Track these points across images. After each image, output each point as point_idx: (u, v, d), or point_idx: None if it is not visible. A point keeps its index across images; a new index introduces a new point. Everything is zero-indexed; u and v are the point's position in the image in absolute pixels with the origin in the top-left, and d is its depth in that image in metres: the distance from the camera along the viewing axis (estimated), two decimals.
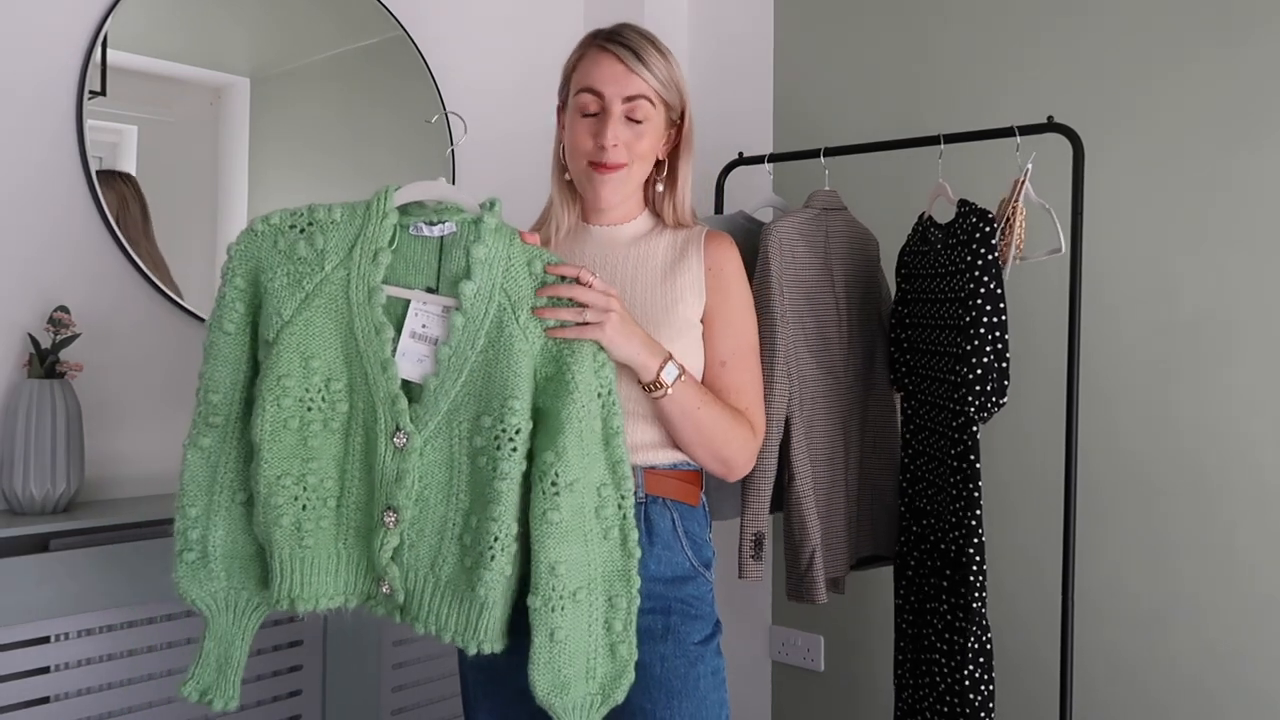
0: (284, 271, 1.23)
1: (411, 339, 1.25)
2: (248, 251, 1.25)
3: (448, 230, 1.27)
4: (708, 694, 1.33)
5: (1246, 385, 1.93)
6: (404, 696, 1.89)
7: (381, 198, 1.26)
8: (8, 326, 1.63)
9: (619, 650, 1.26)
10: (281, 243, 1.24)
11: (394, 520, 1.23)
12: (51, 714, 1.49)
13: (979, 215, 1.75)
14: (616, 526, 1.27)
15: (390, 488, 1.23)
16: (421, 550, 1.24)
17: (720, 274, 1.41)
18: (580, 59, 1.41)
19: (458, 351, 1.23)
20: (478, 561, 1.20)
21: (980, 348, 1.73)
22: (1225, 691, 1.95)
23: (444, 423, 1.24)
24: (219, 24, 1.92)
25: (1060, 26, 2.14)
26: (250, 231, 1.25)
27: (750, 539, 1.79)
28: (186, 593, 1.25)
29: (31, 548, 1.49)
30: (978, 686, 1.77)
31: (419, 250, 1.28)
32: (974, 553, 1.76)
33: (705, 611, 1.38)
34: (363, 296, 1.23)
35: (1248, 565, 1.93)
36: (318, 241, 1.24)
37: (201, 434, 1.25)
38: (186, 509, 1.25)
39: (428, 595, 1.24)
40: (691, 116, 1.45)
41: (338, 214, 1.25)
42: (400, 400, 1.23)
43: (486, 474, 1.21)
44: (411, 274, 1.27)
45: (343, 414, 1.25)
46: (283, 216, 1.26)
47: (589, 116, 1.38)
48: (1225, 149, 1.95)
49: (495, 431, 1.21)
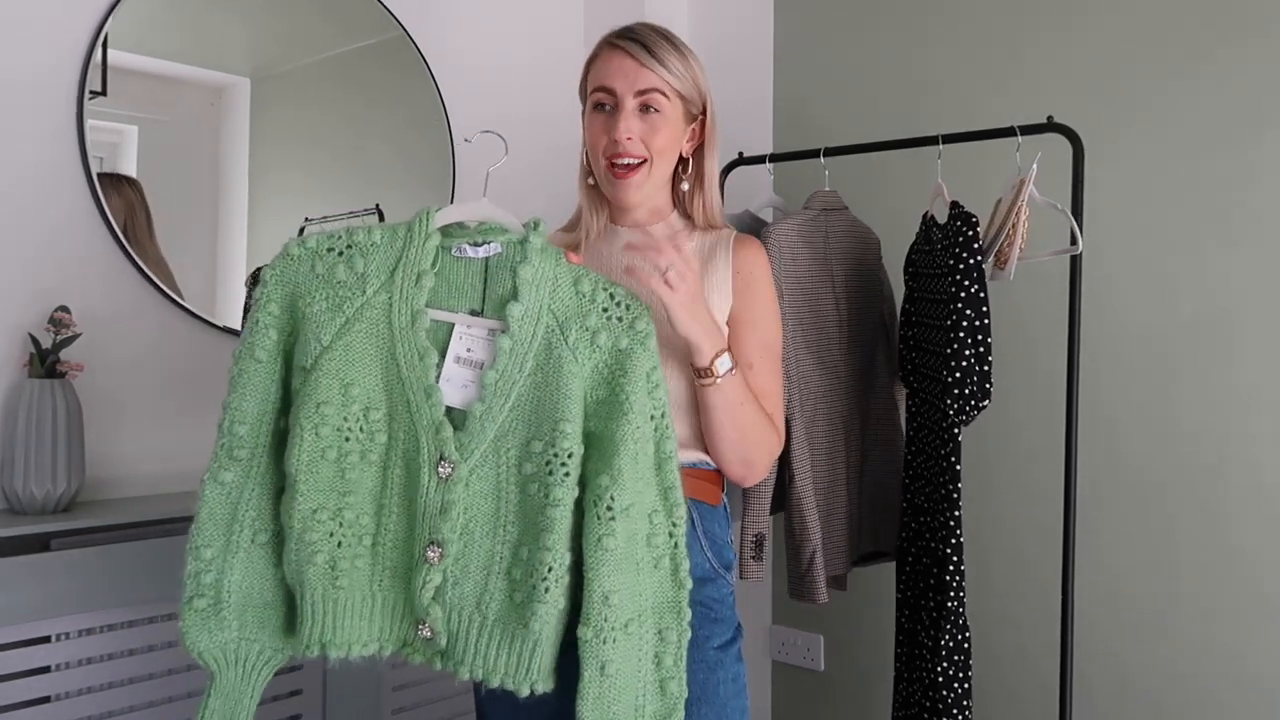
0: (323, 296, 1.18)
1: (456, 364, 1.21)
2: (284, 276, 1.19)
3: (493, 251, 1.24)
4: (728, 701, 1.31)
5: (1246, 385, 1.93)
6: (404, 696, 1.89)
7: (424, 219, 1.22)
8: (8, 326, 1.63)
9: (669, 687, 1.21)
10: (319, 266, 1.19)
11: (438, 556, 1.16)
12: (51, 714, 1.49)
13: (963, 219, 1.76)
14: (668, 556, 1.22)
15: (434, 521, 1.16)
16: (466, 588, 1.18)
17: (748, 278, 1.40)
18: (594, 59, 1.41)
19: (505, 376, 1.19)
20: (531, 595, 1.15)
21: (959, 351, 1.73)
22: (1226, 692, 1.95)
23: (490, 450, 1.19)
24: (219, 24, 1.92)
25: (1060, 26, 2.14)
26: (286, 255, 1.20)
27: (751, 539, 1.79)
28: (194, 644, 1.16)
29: (32, 548, 1.49)
30: (950, 684, 1.78)
31: (462, 272, 1.24)
32: (951, 552, 1.77)
33: (725, 615, 1.35)
34: (405, 320, 1.19)
35: (1248, 565, 1.93)
36: (358, 265, 1.19)
37: (223, 468, 1.17)
38: (201, 550, 1.16)
39: (473, 636, 1.18)
40: (714, 113, 1.43)
41: (378, 236, 1.21)
42: (445, 428, 1.17)
43: (538, 502, 1.17)
44: (455, 297, 1.23)
45: (381, 445, 1.19)
46: (319, 240, 1.20)
47: (604, 113, 1.38)
48: (1225, 149, 1.95)
49: (547, 456, 1.17)
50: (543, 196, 2.40)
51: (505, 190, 2.37)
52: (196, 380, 1.81)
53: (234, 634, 1.18)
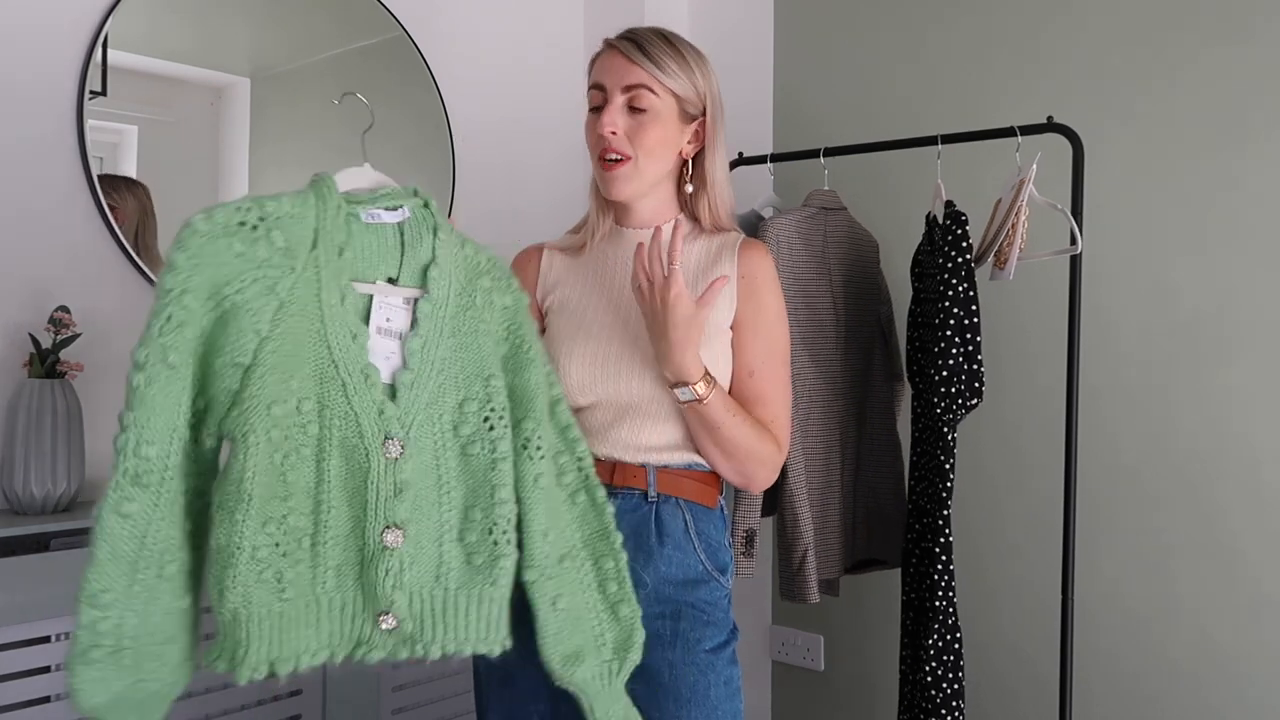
0: (252, 278, 1.05)
1: (378, 335, 1.15)
2: (199, 258, 1.03)
3: (404, 216, 1.19)
4: (719, 704, 1.30)
5: (1246, 385, 1.93)
6: (405, 696, 1.89)
7: (330, 185, 1.14)
8: (8, 326, 1.63)
9: (620, 610, 1.24)
10: (236, 245, 1.05)
11: (399, 538, 1.10)
12: (51, 714, 1.49)
13: (954, 218, 1.77)
14: (582, 489, 1.26)
15: (389, 504, 1.10)
16: (423, 565, 1.13)
17: (753, 281, 1.39)
18: (594, 61, 1.42)
19: (428, 341, 1.16)
20: (494, 552, 1.15)
21: (946, 350, 1.74)
22: (1224, 694, 1.95)
23: (424, 419, 1.15)
24: (219, 24, 1.92)
25: (1060, 26, 2.14)
26: (193, 232, 1.03)
27: (742, 535, 1.79)
28: (88, 701, 1.00)
29: (32, 547, 1.49)
30: (939, 684, 1.79)
31: (375, 240, 1.17)
32: (940, 551, 1.78)
33: (718, 618, 1.35)
34: (335, 299, 1.10)
35: (1246, 567, 1.93)
36: (277, 239, 1.07)
37: (127, 498, 1.02)
38: (99, 596, 1.00)
39: (439, 611, 1.14)
40: (716, 116, 1.42)
41: (287, 205, 1.09)
42: (388, 407, 1.12)
43: (483, 460, 1.16)
44: (370, 266, 1.16)
45: (313, 437, 1.09)
46: (226, 212, 1.05)
47: (595, 111, 1.38)
48: (1225, 149, 1.95)
49: (485, 413, 1.17)
50: (544, 193, 2.41)
51: (509, 184, 2.38)
52: None
53: (130, 679, 1.02)
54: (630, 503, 1.34)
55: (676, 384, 1.28)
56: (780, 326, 1.41)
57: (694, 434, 1.34)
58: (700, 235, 1.43)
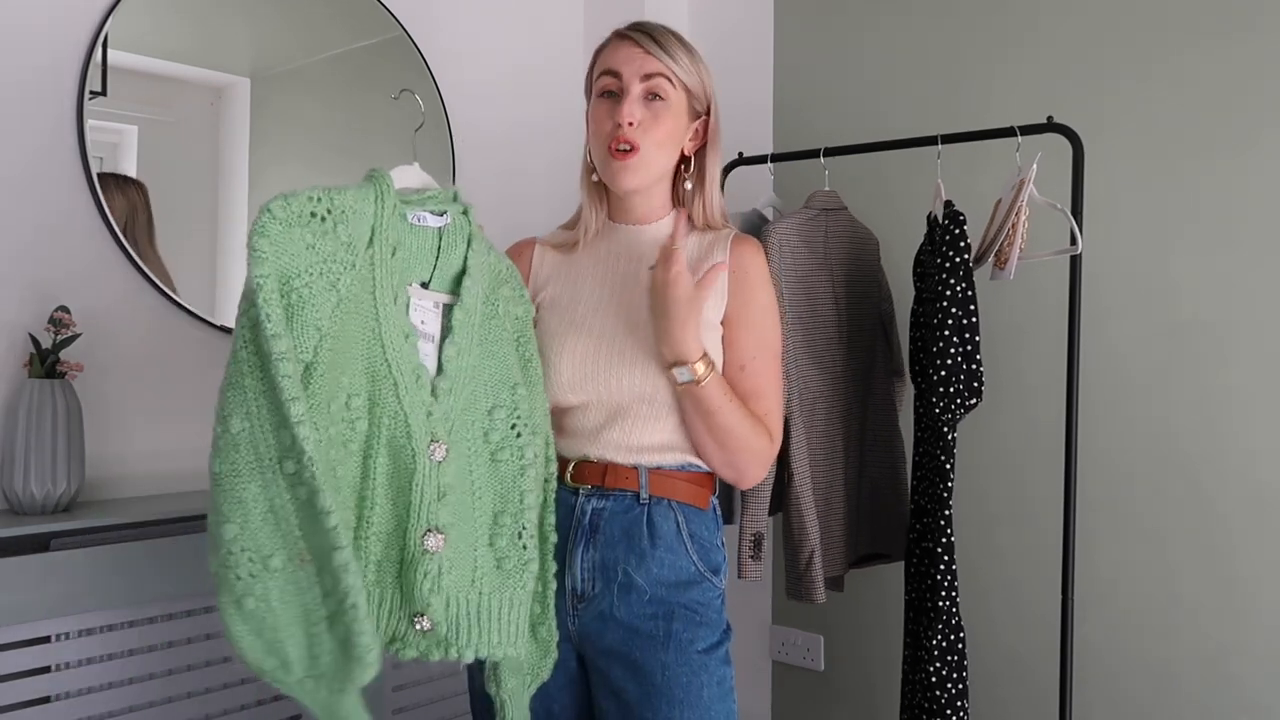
0: (317, 273, 1.03)
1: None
2: (278, 245, 1.01)
3: (447, 221, 1.20)
4: (712, 704, 1.30)
5: (1246, 386, 1.93)
6: (405, 696, 1.89)
7: (388, 183, 1.13)
8: (8, 326, 1.63)
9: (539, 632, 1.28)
10: (307, 236, 1.04)
11: (440, 543, 1.11)
12: (51, 714, 1.49)
13: (951, 218, 1.77)
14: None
15: (433, 507, 1.11)
16: (460, 570, 1.14)
17: (744, 276, 1.39)
18: (601, 49, 1.42)
19: (463, 349, 1.17)
20: (522, 557, 1.17)
21: (945, 350, 1.74)
22: (1223, 694, 1.95)
23: (460, 425, 1.16)
24: (219, 24, 1.92)
25: (1060, 26, 2.14)
26: (272, 219, 1.02)
27: (749, 539, 1.79)
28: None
29: (32, 548, 1.49)
30: (944, 684, 1.79)
31: (416, 242, 1.17)
32: (941, 552, 1.78)
33: (712, 618, 1.35)
34: (389, 298, 1.10)
35: (1246, 567, 1.93)
36: (341, 233, 1.06)
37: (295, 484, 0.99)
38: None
39: (475, 616, 1.15)
40: (718, 114, 1.44)
41: (350, 199, 1.09)
42: (435, 409, 1.12)
43: (513, 467, 1.18)
44: (410, 269, 1.16)
45: (361, 433, 1.09)
46: (300, 201, 1.04)
47: (608, 97, 1.37)
48: (1225, 149, 1.95)
49: (512, 420, 1.19)
50: (543, 194, 2.41)
51: (506, 191, 2.37)
52: (196, 380, 1.81)
53: None
54: (622, 504, 1.34)
55: (675, 363, 1.28)
56: (772, 320, 1.41)
57: (688, 422, 1.33)
58: (693, 231, 1.44)
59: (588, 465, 1.35)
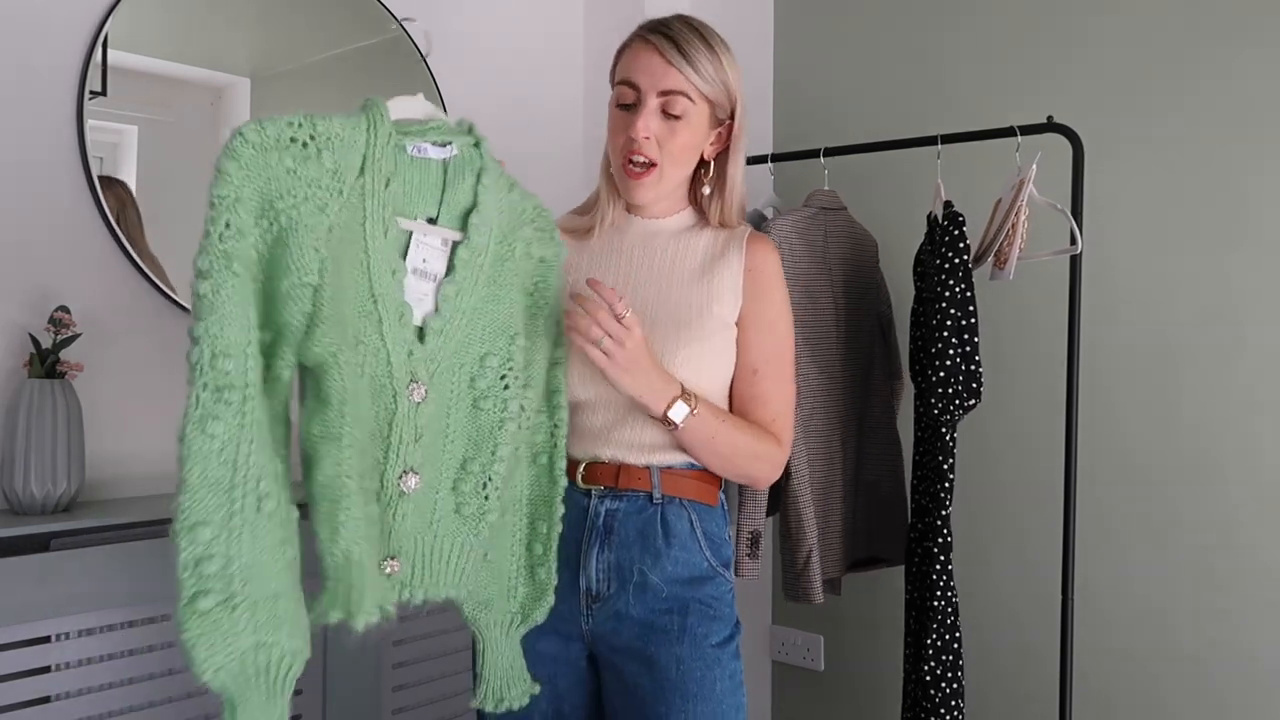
0: (304, 195, 0.98)
1: (412, 276, 1.11)
2: (251, 169, 0.96)
3: (452, 153, 1.14)
4: (724, 698, 1.31)
5: (1246, 385, 1.93)
6: (405, 696, 1.89)
7: (382, 111, 1.08)
8: (8, 326, 1.63)
9: (539, 573, 1.27)
10: (287, 160, 0.99)
11: (415, 484, 1.08)
12: (51, 714, 1.49)
13: (951, 218, 1.77)
14: (546, 453, 1.27)
15: (409, 448, 1.08)
16: (421, 511, 1.12)
17: (760, 277, 1.38)
18: (624, 49, 1.37)
19: (462, 289, 1.13)
20: (482, 507, 1.16)
21: (944, 350, 1.74)
22: (1228, 688, 1.95)
23: (447, 368, 1.13)
24: (219, 24, 1.92)
25: (1060, 26, 2.14)
26: (244, 141, 0.97)
27: (746, 537, 1.79)
28: (208, 662, 0.90)
29: (32, 548, 1.49)
30: (938, 683, 1.79)
31: (419, 175, 1.12)
32: (938, 552, 1.78)
33: (724, 612, 1.35)
34: (379, 231, 1.05)
35: (1249, 562, 1.93)
36: (326, 159, 1.01)
37: (212, 415, 0.92)
38: (198, 529, 0.90)
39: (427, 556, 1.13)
40: (742, 118, 1.39)
41: (337, 126, 1.04)
42: (416, 349, 1.08)
43: (493, 416, 1.15)
44: (413, 202, 1.11)
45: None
46: (278, 125, 0.99)
47: (625, 109, 1.34)
48: (1225, 149, 1.95)
49: (502, 370, 1.15)
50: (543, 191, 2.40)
51: None
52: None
53: (250, 639, 0.93)
54: (636, 505, 1.34)
55: (668, 408, 1.26)
56: (785, 323, 1.41)
57: (692, 452, 1.33)
58: (706, 227, 1.42)
59: (599, 466, 1.34)
